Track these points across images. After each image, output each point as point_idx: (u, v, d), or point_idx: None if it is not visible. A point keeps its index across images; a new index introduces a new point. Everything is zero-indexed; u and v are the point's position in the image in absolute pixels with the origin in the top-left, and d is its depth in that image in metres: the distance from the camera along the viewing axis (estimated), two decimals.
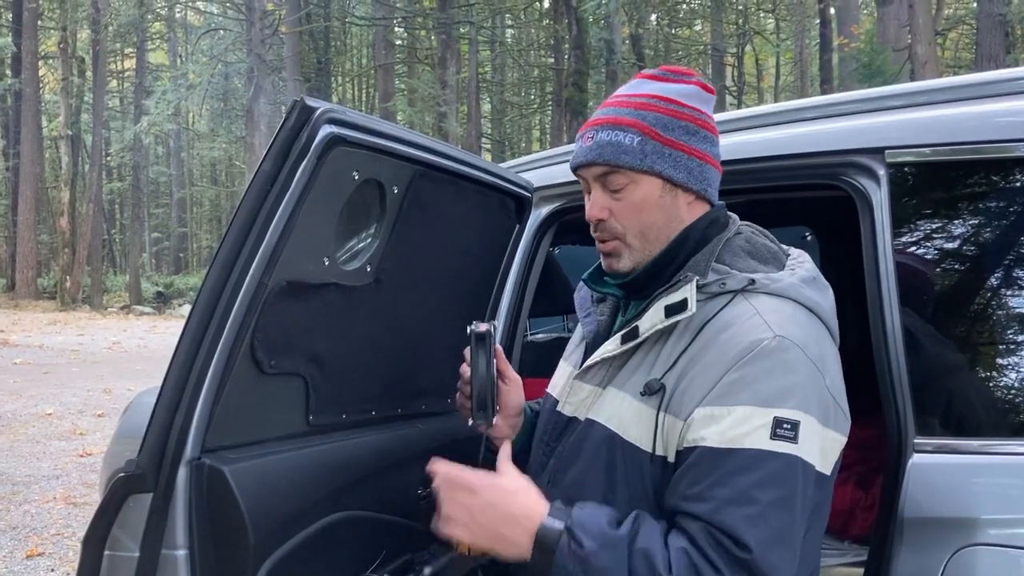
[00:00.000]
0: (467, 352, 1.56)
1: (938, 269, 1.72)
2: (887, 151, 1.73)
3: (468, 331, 1.54)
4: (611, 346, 1.39)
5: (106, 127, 34.49)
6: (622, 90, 1.45)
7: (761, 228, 1.47)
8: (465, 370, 1.61)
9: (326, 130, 1.39)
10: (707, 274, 1.34)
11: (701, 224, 1.41)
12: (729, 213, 1.48)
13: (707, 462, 1.20)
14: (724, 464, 1.19)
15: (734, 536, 1.15)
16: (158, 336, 19.32)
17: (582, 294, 1.61)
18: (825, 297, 1.37)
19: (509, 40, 35.39)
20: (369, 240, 1.65)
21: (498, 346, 1.62)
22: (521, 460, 1.65)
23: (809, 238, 3.29)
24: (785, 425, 1.19)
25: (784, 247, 1.47)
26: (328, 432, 1.67)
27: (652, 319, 1.33)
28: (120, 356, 15.14)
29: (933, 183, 1.73)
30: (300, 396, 1.61)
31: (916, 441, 1.58)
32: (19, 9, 28.78)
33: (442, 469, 1.37)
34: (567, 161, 2.40)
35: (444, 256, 1.90)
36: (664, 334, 1.34)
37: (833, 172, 1.83)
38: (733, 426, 1.20)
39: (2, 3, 32.58)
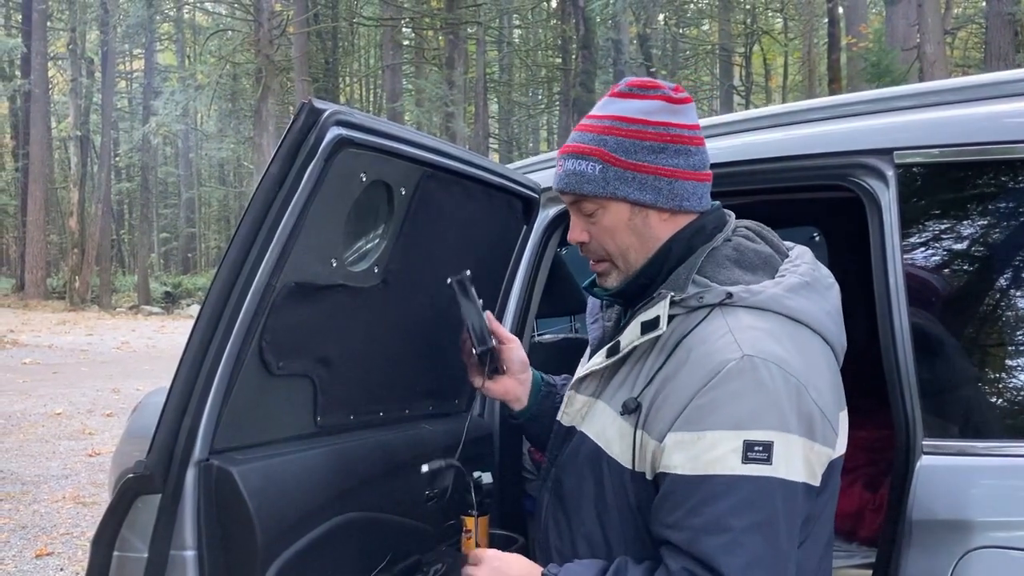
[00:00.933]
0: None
1: (946, 271, 1.71)
2: (896, 152, 1.72)
3: (449, 282, 1.67)
4: (599, 359, 1.41)
5: (115, 128, 34.60)
6: (593, 110, 1.45)
7: (760, 229, 1.46)
8: (466, 338, 1.67)
9: (334, 132, 1.39)
10: (686, 287, 1.33)
11: (684, 234, 1.39)
12: (728, 213, 1.46)
13: (681, 490, 1.22)
14: (697, 492, 1.20)
15: (710, 565, 1.18)
16: (166, 336, 19.39)
17: (592, 300, 1.62)
18: (820, 301, 1.34)
19: (516, 40, 35.39)
20: (377, 241, 1.65)
21: (489, 312, 1.70)
22: (532, 429, 1.72)
23: (817, 239, 3.28)
24: (757, 448, 1.18)
25: (785, 247, 1.45)
26: (336, 433, 1.67)
27: (630, 335, 1.36)
28: (129, 356, 15.20)
29: (942, 184, 1.72)
30: (308, 397, 1.61)
31: (924, 443, 1.58)
32: (29, 10, 28.91)
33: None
34: None
35: (451, 257, 1.90)
36: (646, 349, 1.35)
37: (841, 173, 1.82)
38: (703, 452, 1.20)
39: (12, 4, 32.73)
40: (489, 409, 2.21)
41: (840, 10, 20.53)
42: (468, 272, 1.70)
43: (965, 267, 1.72)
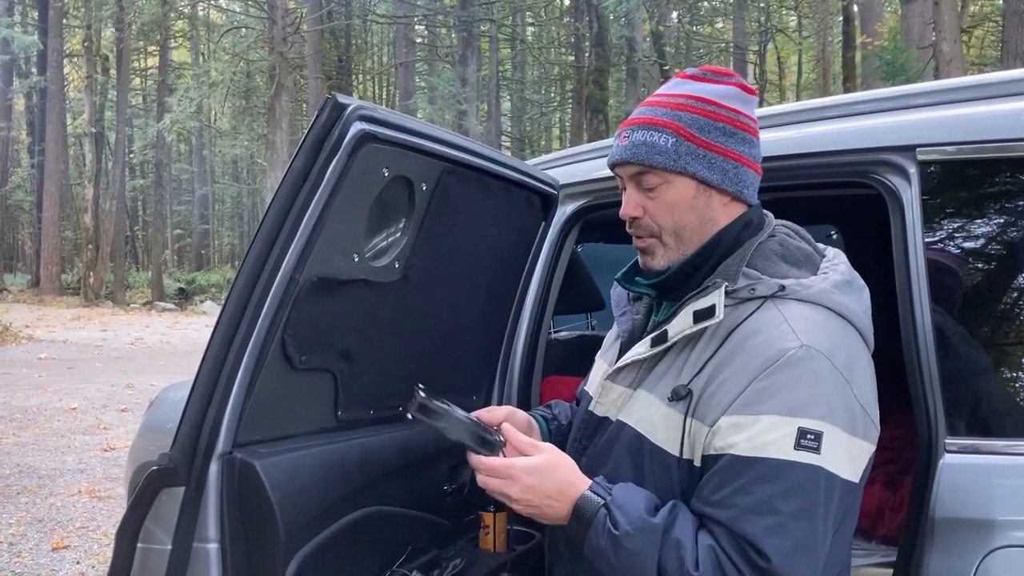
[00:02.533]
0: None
1: (969, 268, 1.70)
2: (918, 149, 1.72)
3: (409, 417, 1.42)
4: (641, 348, 1.40)
5: (129, 125, 34.80)
6: (661, 89, 1.45)
7: (797, 228, 1.46)
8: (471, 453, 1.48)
9: (357, 127, 1.40)
10: (737, 279, 1.34)
11: (735, 227, 1.40)
12: (766, 213, 1.47)
13: (732, 469, 1.22)
14: (748, 472, 1.20)
15: (755, 545, 1.17)
16: (180, 332, 19.48)
17: (618, 291, 1.61)
18: (859, 301, 1.35)
19: (530, 38, 35.35)
20: (398, 237, 1.66)
21: (505, 429, 1.45)
22: None
23: (835, 236, 3.27)
24: (809, 435, 1.19)
25: (820, 247, 1.45)
26: (356, 428, 1.68)
27: (681, 324, 1.34)
28: (143, 352, 15.27)
29: (965, 181, 1.71)
30: (329, 391, 1.62)
31: (947, 442, 1.57)
32: (45, 8, 29.10)
33: (483, 463, 1.37)
34: (593, 158, 2.41)
35: (471, 253, 1.90)
36: (692, 339, 1.34)
37: (863, 170, 1.82)
38: (758, 435, 1.21)
39: (28, 1, 32.92)
40: (505, 402, 2.21)
41: (855, 8, 20.42)
42: (419, 389, 1.43)
43: (988, 265, 1.71)
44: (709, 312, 1.31)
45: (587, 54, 24.70)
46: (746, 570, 1.17)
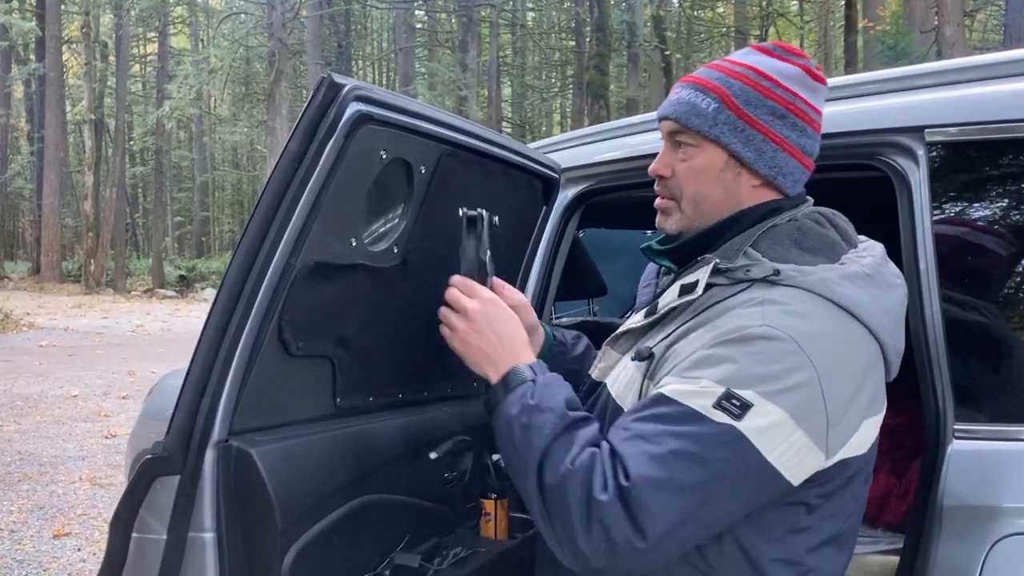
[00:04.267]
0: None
1: (979, 250, 1.67)
2: (927, 130, 1.68)
3: (460, 213, 1.56)
4: (637, 317, 1.40)
5: (129, 111, 34.72)
6: (730, 56, 1.41)
7: (836, 216, 1.40)
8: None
9: (354, 108, 1.36)
10: (736, 258, 1.29)
11: (760, 210, 1.35)
12: (807, 198, 1.41)
13: (648, 401, 1.22)
14: (657, 406, 1.18)
15: (625, 464, 1.15)
16: (181, 319, 19.49)
17: (650, 266, 1.62)
18: (878, 297, 1.26)
19: (530, 23, 35.22)
20: (396, 221, 1.63)
21: (496, 279, 1.59)
22: None
23: None
24: (734, 400, 1.14)
25: (856, 238, 1.39)
26: (355, 415, 1.65)
27: (668, 297, 1.34)
28: (144, 339, 15.29)
29: (974, 162, 1.68)
30: (327, 378, 1.59)
31: (956, 428, 1.55)
32: None
33: (459, 278, 1.46)
34: (595, 142, 2.38)
35: None
36: (678, 311, 1.33)
37: (869, 152, 1.79)
38: (688, 388, 1.17)
39: None
40: None
41: None
42: (483, 211, 1.58)
43: (997, 248, 1.68)
44: (692, 287, 1.29)
45: (588, 39, 24.60)
46: (610, 482, 1.15)
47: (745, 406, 1.13)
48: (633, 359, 1.33)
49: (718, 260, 1.29)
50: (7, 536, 4.78)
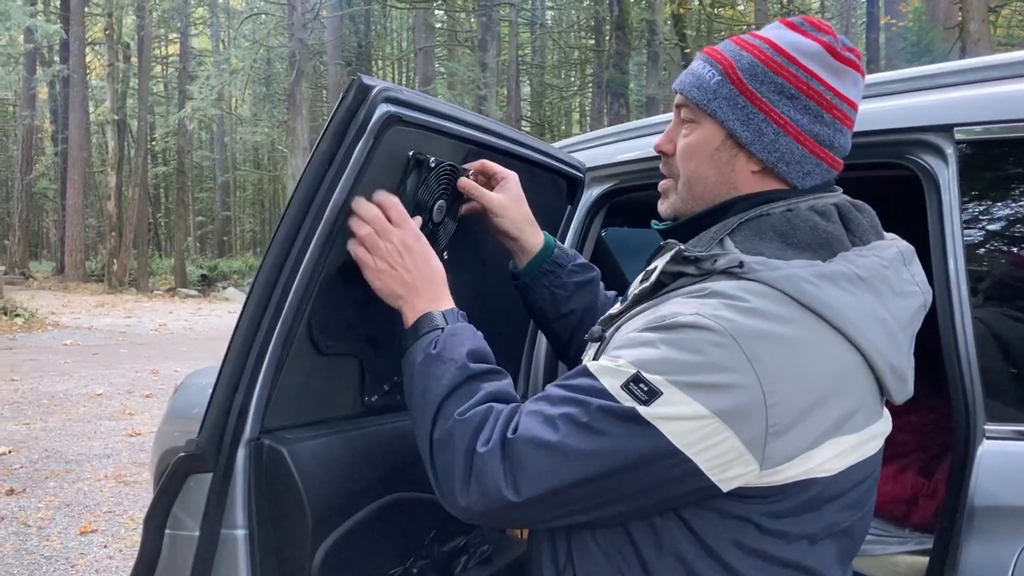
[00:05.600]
0: None
1: (1010, 250, 1.66)
2: (956, 128, 1.67)
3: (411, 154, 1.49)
4: (619, 304, 1.32)
5: (151, 112, 35.00)
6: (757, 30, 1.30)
7: (854, 210, 1.24)
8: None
9: (383, 109, 1.37)
10: (710, 247, 1.18)
11: (757, 198, 1.21)
12: (831, 191, 1.26)
13: (572, 372, 1.16)
14: (575, 377, 1.13)
15: (517, 418, 1.13)
16: (203, 318, 19.63)
17: None
18: (869, 303, 1.13)
19: (549, 22, 35.18)
20: (422, 221, 1.64)
21: (465, 180, 1.59)
22: (529, 297, 1.71)
23: None
24: (641, 385, 1.05)
25: (870, 234, 1.24)
26: (383, 413, 1.67)
27: (635, 283, 1.29)
28: (166, 338, 15.40)
29: (1005, 161, 1.67)
30: (355, 377, 1.61)
31: (987, 428, 1.53)
32: None
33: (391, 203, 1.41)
34: (619, 141, 2.38)
35: (497, 237, 1.88)
36: (644, 297, 1.25)
37: (897, 151, 1.77)
38: (605, 363, 1.11)
39: None
40: (532, 392, 2.19)
41: None
42: (444, 161, 1.54)
43: None
44: (650, 274, 1.23)
45: (607, 37, 24.54)
46: (497, 433, 1.12)
47: (653, 392, 1.04)
48: (587, 336, 1.30)
49: (682, 247, 1.19)
50: (35, 532, 4.84)
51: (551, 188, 2.04)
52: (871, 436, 1.17)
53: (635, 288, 1.26)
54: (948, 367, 1.59)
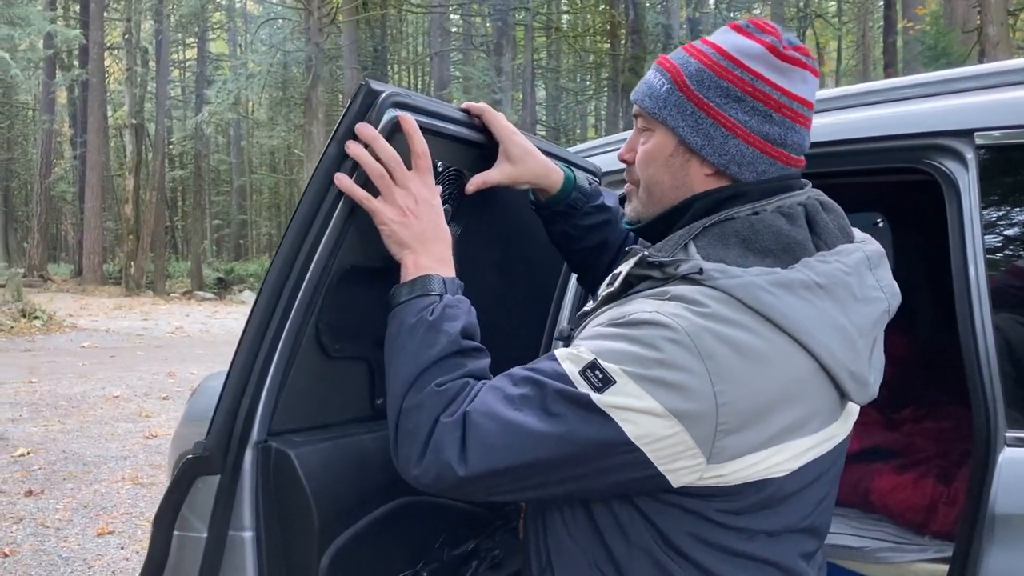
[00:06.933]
0: None
1: None
2: (977, 133, 1.65)
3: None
4: (589, 305, 1.33)
5: (168, 116, 35.24)
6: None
7: (821, 211, 1.24)
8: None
9: (391, 114, 1.37)
10: (674, 252, 1.20)
11: (716, 195, 1.22)
12: (794, 191, 1.25)
13: (540, 358, 1.19)
14: (541, 362, 1.16)
15: (477, 391, 1.17)
16: (219, 321, 19.73)
17: None
18: (827, 310, 1.13)
19: (565, 26, 35.19)
20: None
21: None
22: (553, 227, 1.70)
23: (881, 224, 3.19)
24: (597, 372, 1.08)
25: (835, 236, 1.23)
26: None
27: (603, 285, 1.29)
28: (183, 340, 15.49)
29: None
30: (365, 380, 1.60)
31: (1008, 435, 1.51)
32: (86, 1, 29.51)
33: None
34: None
35: (510, 242, 1.87)
36: (609, 299, 1.27)
37: (916, 155, 1.75)
38: (567, 351, 1.14)
39: None
40: None
41: None
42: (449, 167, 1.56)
43: None
44: (616, 277, 1.24)
45: (623, 41, 24.54)
46: (460, 406, 1.15)
47: (607, 380, 1.07)
48: (556, 337, 1.30)
49: (646, 252, 1.21)
50: (53, 534, 4.86)
51: None
52: (826, 438, 1.18)
53: (603, 290, 1.27)
54: (968, 373, 1.57)
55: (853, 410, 1.26)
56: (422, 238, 1.34)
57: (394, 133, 1.38)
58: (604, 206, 1.71)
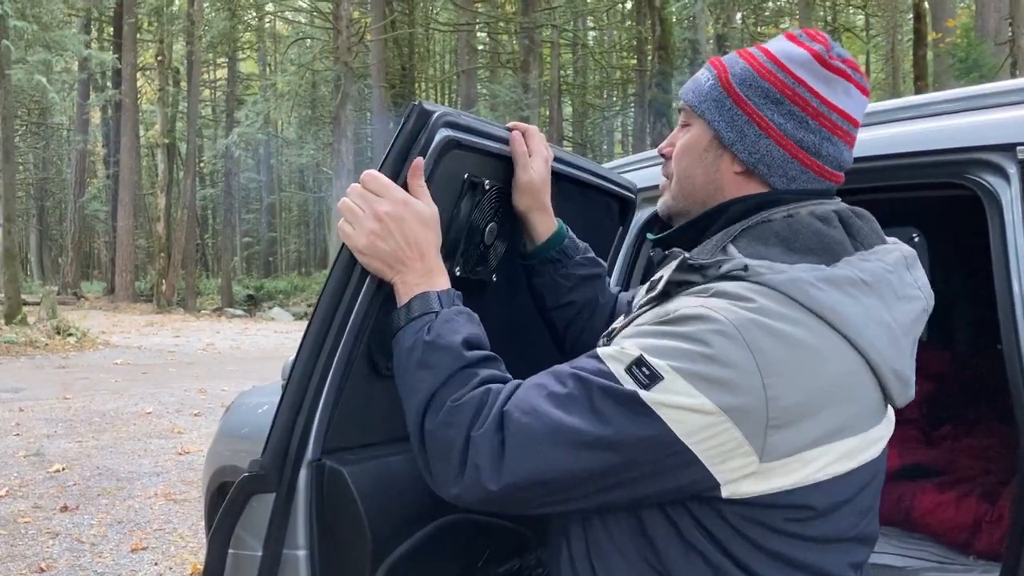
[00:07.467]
0: None
1: None
2: (1019, 147, 1.65)
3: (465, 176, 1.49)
4: (619, 321, 1.31)
5: (199, 135, 35.73)
6: None
7: (854, 217, 1.23)
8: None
9: (443, 133, 1.39)
10: (714, 254, 1.19)
11: (750, 201, 1.22)
12: (826, 196, 1.25)
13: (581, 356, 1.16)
14: (582, 360, 1.13)
15: (516, 391, 1.13)
16: (249, 338, 19.89)
17: None
18: (873, 308, 1.12)
19: (591, 42, 35.29)
20: (480, 242, 1.65)
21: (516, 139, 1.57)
22: (534, 280, 1.68)
23: (917, 239, 3.17)
24: (644, 368, 1.05)
25: (872, 239, 1.22)
26: None
27: (640, 294, 1.27)
28: (214, 357, 15.62)
29: None
30: None
31: None
32: (119, 23, 30.05)
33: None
34: None
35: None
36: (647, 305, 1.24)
37: (957, 170, 1.75)
38: (611, 349, 1.11)
39: (104, 18, 34.05)
40: None
41: (926, 4, 19.90)
42: (497, 183, 1.56)
43: None
44: (656, 283, 1.21)
45: (650, 57, 24.57)
46: (495, 411, 1.11)
47: (655, 376, 1.04)
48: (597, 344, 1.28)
49: (687, 255, 1.18)
50: (88, 549, 4.92)
51: (603, 209, 2.04)
52: (873, 440, 1.16)
53: (641, 298, 1.25)
54: (1013, 389, 1.56)
55: (891, 414, 1.24)
56: (398, 258, 1.30)
57: (445, 153, 1.40)
58: (595, 260, 1.71)
